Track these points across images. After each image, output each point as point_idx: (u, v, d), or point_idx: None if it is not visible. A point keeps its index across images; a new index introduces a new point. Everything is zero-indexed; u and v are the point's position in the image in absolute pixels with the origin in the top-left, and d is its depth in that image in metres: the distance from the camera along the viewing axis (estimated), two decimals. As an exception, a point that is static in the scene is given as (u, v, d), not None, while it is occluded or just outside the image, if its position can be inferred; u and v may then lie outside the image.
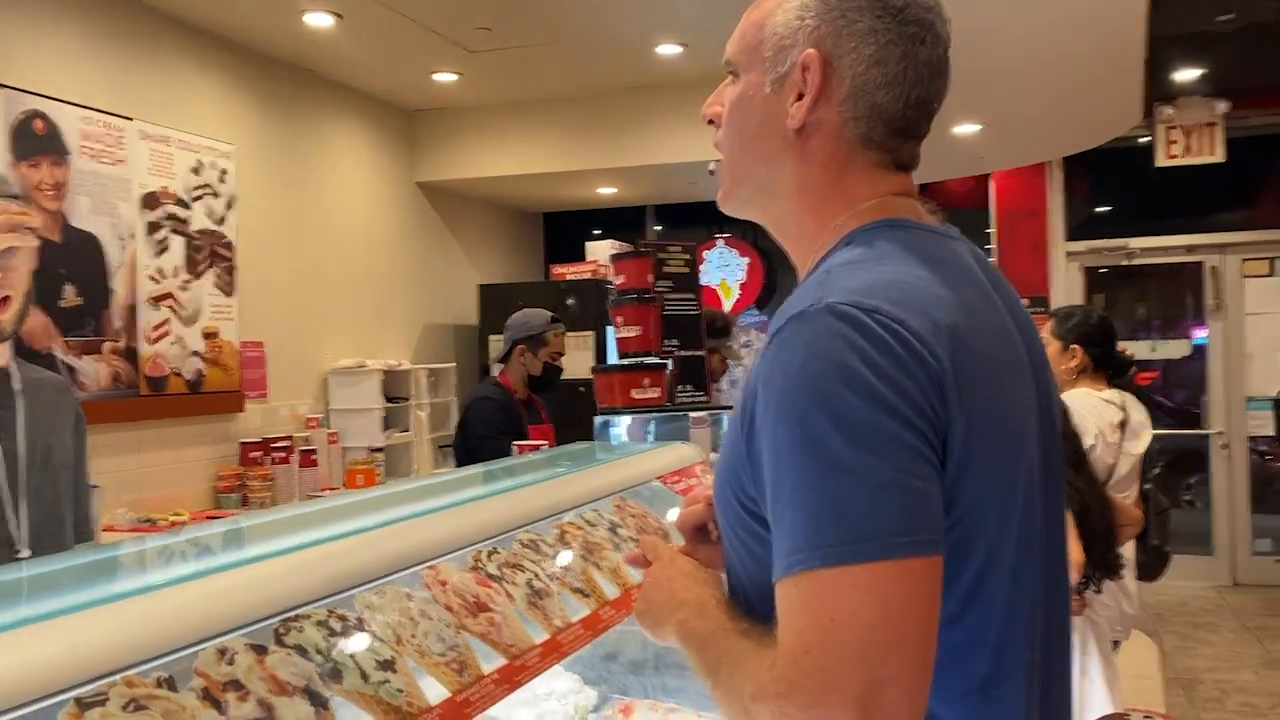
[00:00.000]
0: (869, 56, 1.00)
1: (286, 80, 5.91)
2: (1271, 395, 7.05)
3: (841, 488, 0.85)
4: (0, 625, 0.81)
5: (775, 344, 0.92)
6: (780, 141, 1.05)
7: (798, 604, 0.85)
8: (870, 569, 0.83)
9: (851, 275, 0.94)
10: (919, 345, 0.88)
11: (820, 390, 0.87)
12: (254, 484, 5.21)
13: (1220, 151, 6.80)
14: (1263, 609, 6.48)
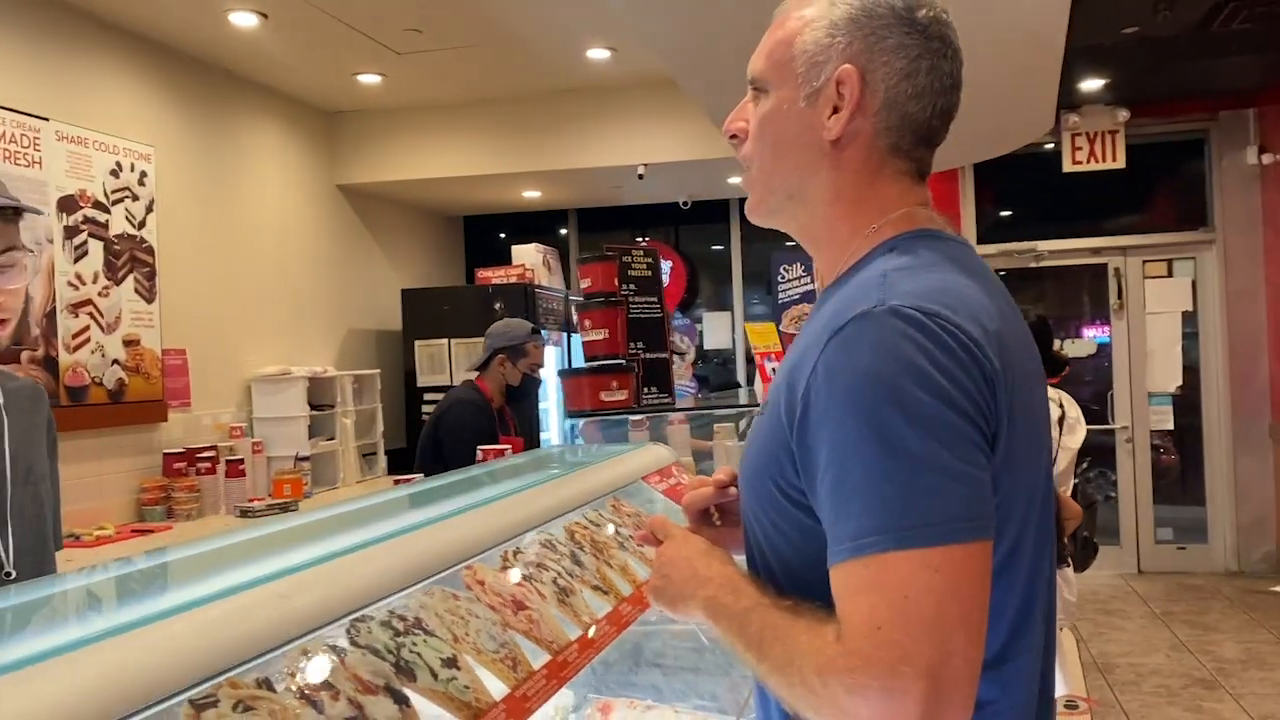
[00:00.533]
0: (900, 70, 1.07)
1: (207, 80, 5.76)
2: (1171, 391, 7.41)
3: (914, 476, 0.91)
4: (107, 630, 0.79)
5: (837, 341, 0.97)
6: (816, 151, 1.10)
7: (868, 583, 0.90)
8: (941, 551, 0.89)
9: (908, 280, 1.00)
10: (975, 348, 0.95)
11: (891, 385, 0.93)
12: (179, 495, 5.05)
13: (1121, 158, 7.13)
14: (1167, 595, 6.80)
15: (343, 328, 7.11)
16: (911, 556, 0.89)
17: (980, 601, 0.91)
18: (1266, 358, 7.18)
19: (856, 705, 0.88)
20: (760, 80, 1.14)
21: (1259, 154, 7.11)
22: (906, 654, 0.87)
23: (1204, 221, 7.44)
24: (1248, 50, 6.01)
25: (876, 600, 0.89)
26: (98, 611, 0.91)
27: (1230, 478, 7.30)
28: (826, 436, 0.96)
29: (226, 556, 1.19)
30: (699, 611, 1.09)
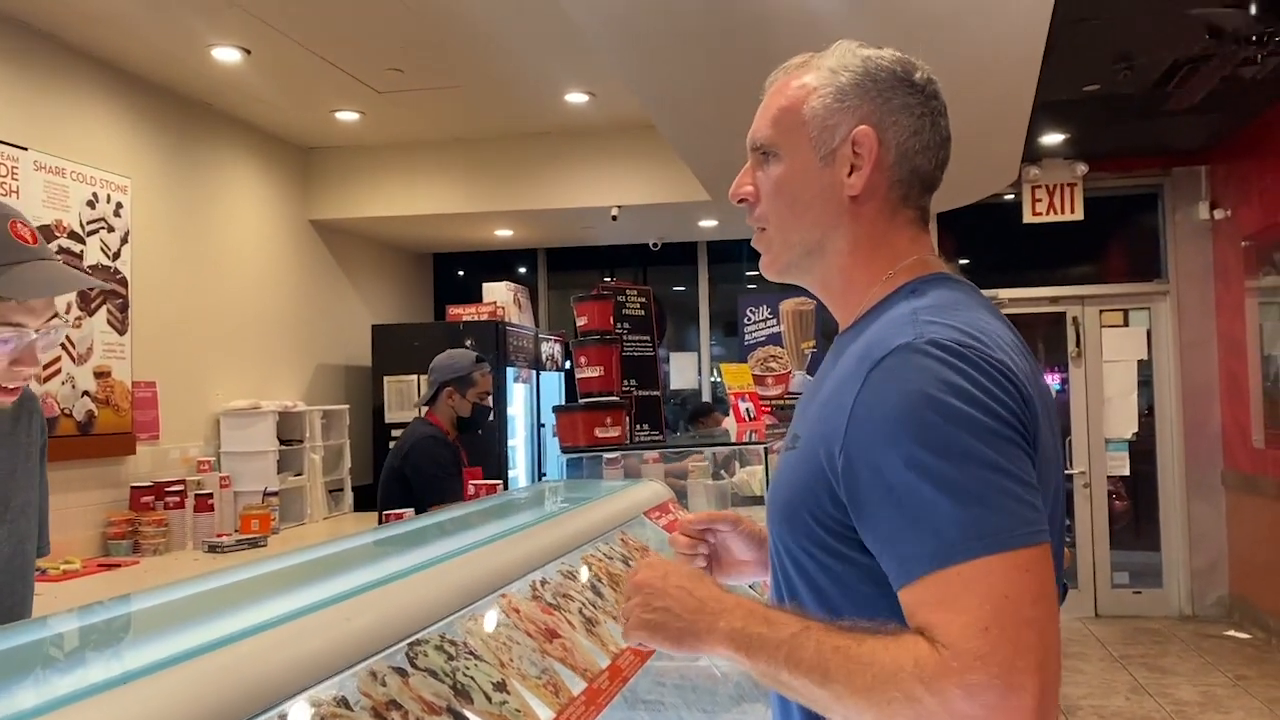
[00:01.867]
0: (909, 127, 1.17)
1: (186, 113, 5.77)
2: (1127, 437, 7.59)
3: (989, 484, 0.96)
4: (192, 650, 0.82)
5: (879, 372, 1.03)
6: (836, 207, 1.18)
7: (963, 589, 0.94)
8: (1028, 553, 0.95)
9: (939, 317, 1.07)
10: (1011, 374, 1.02)
11: (943, 404, 0.98)
12: (147, 529, 4.99)
13: (1080, 210, 7.35)
14: (1124, 638, 6.92)
15: (312, 362, 7.08)
16: (1005, 559, 0.94)
17: (1055, 600, 0.97)
18: (1218, 406, 7.39)
19: (976, 708, 0.90)
20: (769, 145, 1.21)
21: (1210, 209, 7.36)
22: (1018, 650, 0.91)
23: (1158, 273, 7.67)
24: (1201, 110, 6.25)
25: (978, 604, 0.92)
26: (169, 635, 0.94)
27: (1184, 523, 7.47)
28: (881, 463, 0.99)
29: (272, 582, 1.21)
30: (721, 645, 1.05)
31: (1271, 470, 6.46)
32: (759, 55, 4.29)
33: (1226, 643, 6.72)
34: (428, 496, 3.49)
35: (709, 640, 1.06)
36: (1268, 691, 5.60)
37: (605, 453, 2.60)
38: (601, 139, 6.68)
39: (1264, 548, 6.65)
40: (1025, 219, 7.35)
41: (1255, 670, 6.04)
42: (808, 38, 4.31)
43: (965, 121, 5.29)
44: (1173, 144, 7.28)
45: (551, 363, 7.95)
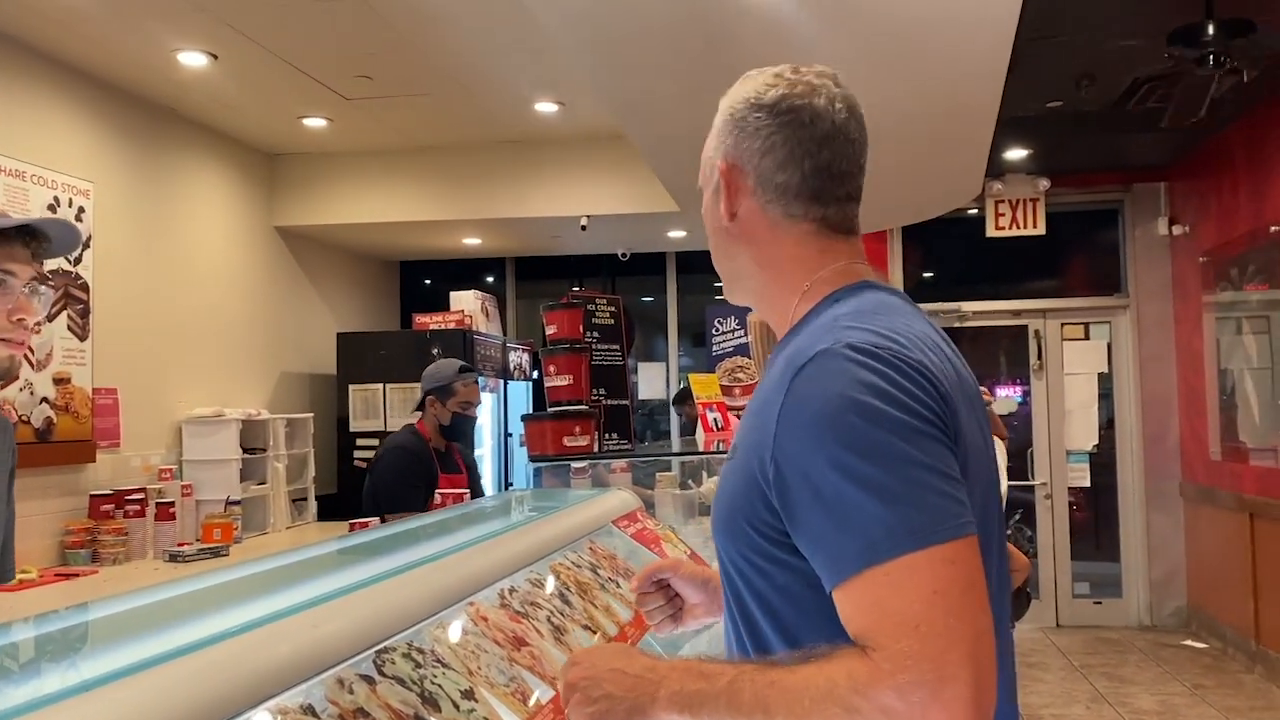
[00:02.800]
0: (758, 149, 1.20)
1: (150, 118, 5.71)
2: (1087, 449, 7.69)
3: (911, 482, 0.97)
4: (159, 657, 0.81)
5: (800, 379, 1.05)
6: (725, 236, 1.25)
7: (891, 588, 0.94)
8: (954, 546, 0.96)
9: (859, 322, 1.09)
10: (927, 372, 1.04)
11: (863, 405, 0.99)
12: (106, 538, 4.91)
13: (1042, 225, 7.44)
14: (1084, 648, 6.99)
15: (276, 370, 7.02)
16: (931, 554, 0.95)
17: (985, 590, 0.97)
18: (1176, 419, 7.50)
19: (910, 707, 0.90)
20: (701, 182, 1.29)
21: (1169, 225, 7.49)
22: (950, 643, 0.92)
23: (1118, 288, 7.79)
24: (1161, 127, 6.36)
25: (906, 601, 0.93)
26: (134, 642, 0.93)
27: (1143, 534, 7.57)
28: (807, 466, 1.01)
29: (240, 589, 1.20)
30: (666, 711, 1.04)
31: (1228, 483, 6.56)
32: (729, 67, 4.32)
33: (1184, 652, 6.81)
34: (385, 506, 3.51)
35: (655, 710, 1.05)
36: (1224, 700, 5.69)
37: (574, 462, 2.60)
38: (571, 148, 6.69)
39: (1220, 559, 6.76)
40: (988, 233, 7.44)
41: (1212, 679, 6.12)
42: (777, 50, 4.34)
43: (930, 136, 5.38)
44: (1133, 161, 7.41)
45: (519, 372, 7.93)
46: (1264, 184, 5.99)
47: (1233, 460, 6.47)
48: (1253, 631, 6.22)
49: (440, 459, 3.89)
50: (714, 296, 9.30)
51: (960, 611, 0.93)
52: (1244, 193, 6.29)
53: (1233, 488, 6.47)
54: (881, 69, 4.25)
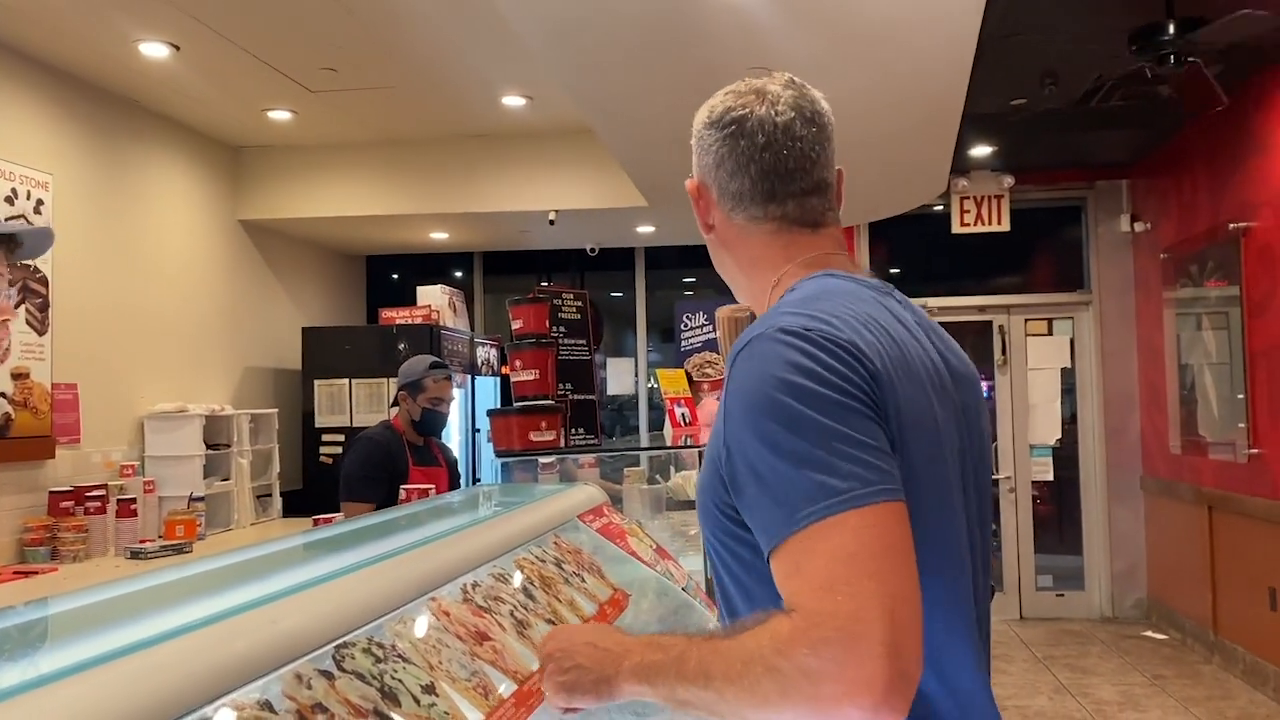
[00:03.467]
0: (711, 163, 1.32)
1: (111, 109, 5.63)
2: (1051, 443, 7.78)
3: (832, 452, 1.01)
4: (112, 652, 0.80)
5: (737, 364, 1.12)
6: (711, 245, 1.39)
7: (809, 553, 0.99)
8: (868, 511, 0.99)
9: (797, 308, 1.15)
10: (852, 350, 1.08)
11: (786, 382, 1.05)
12: (66, 536, 4.85)
13: (1006, 221, 7.52)
14: (1048, 640, 7.08)
15: (240, 365, 6.95)
16: (846, 519, 0.98)
17: (910, 551, 1.00)
18: (1138, 413, 7.61)
19: (824, 663, 0.92)
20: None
21: (1131, 222, 7.59)
22: (862, 601, 0.94)
23: (1081, 284, 7.88)
24: (1123, 126, 6.44)
25: (822, 565, 0.97)
26: (89, 637, 0.92)
27: (1105, 528, 7.67)
28: (742, 442, 1.07)
29: (198, 584, 1.19)
30: (628, 683, 1.11)
31: (1187, 476, 6.66)
32: (697, 63, 4.33)
33: (1145, 643, 6.91)
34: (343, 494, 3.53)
35: (619, 682, 1.11)
36: (1183, 690, 5.78)
37: (540, 457, 2.59)
38: (539, 143, 6.67)
39: (1180, 552, 6.86)
40: (954, 229, 7.50)
41: (1172, 670, 6.22)
42: (744, 47, 4.36)
43: (896, 132, 5.41)
44: (1096, 158, 7.49)
45: (487, 367, 7.90)
46: (1223, 181, 6.08)
47: (1192, 454, 6.57)
48: (1211, 623, 6.32)
49: (417, 453, 3.89)
50: (683, 292, 9.32)
51: (875, 574, 0.96)
52: (1203, 190, 6.39)
53: (1192, 481, 6.58)
54: (848, 66, 4.27)
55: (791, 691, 0.94)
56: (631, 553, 2.17)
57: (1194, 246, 6.48)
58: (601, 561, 1.97)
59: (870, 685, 0.91)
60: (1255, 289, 5.65)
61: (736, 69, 4.54)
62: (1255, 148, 5.63)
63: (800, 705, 0.94)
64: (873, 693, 0.91)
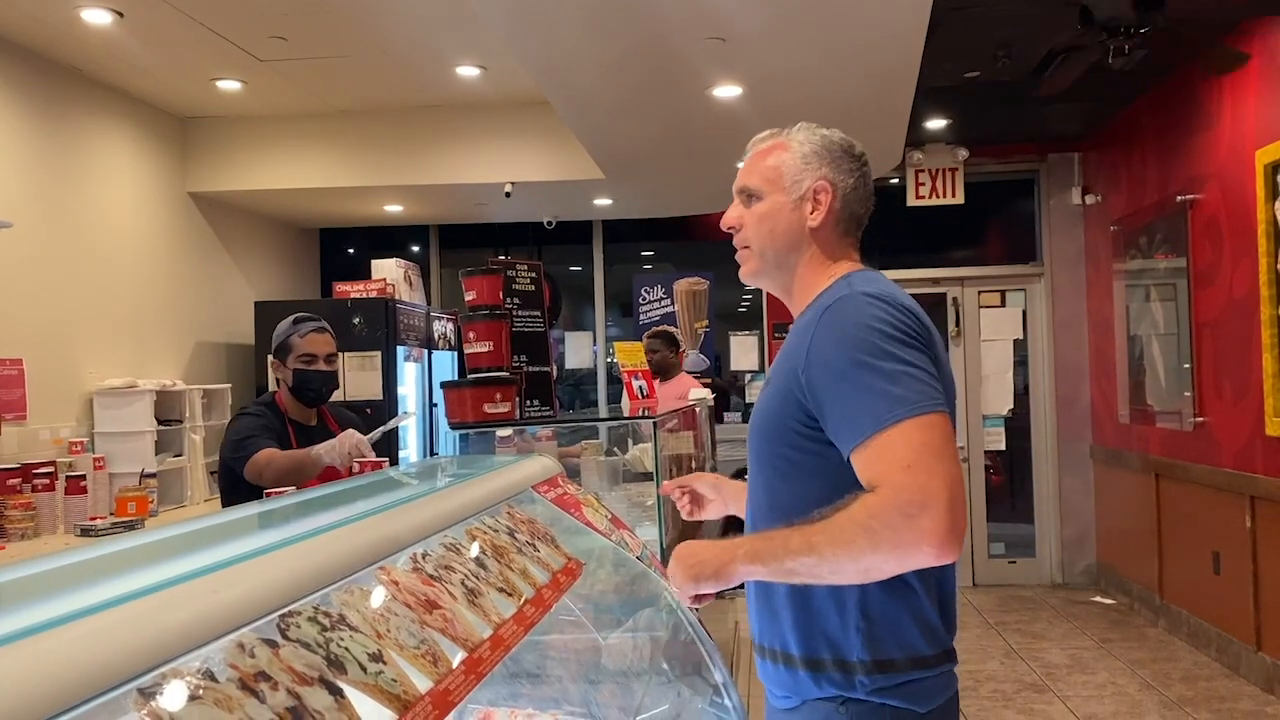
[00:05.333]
0: (851, 184, 1.68)
1: (52, 78, 5.50)
2: (1003, 414, 7.89)
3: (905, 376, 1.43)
4: (50, 621, 0.79)
5: (829, 315, 1.53)
6: (800, 234, 1.67)
7: (892, 444, 1.39)
8: (932, 416, 1.41)
9: (866, 284, 1.58)
10: (917, 315, 1.53)
11: (874, 328, 1.47)
12: (13, 514, 4.76)
13: (960, 194, 7.58)
14: (999, 606, 7.21)
15: (191, 340, 6.85)
16: (919, 421, 1.40)
17: (956, 449, 1.43)
18: (1088, 383, 7.74)
19: (907, 519, 1.33)
20: (754, 190, 1.70)
21: (1082, 195, 7.68)
22: (931, 476, 1.35)
23: (1033, 256, 7.97)
24: (1075, 99, 6.50)
25: (901, 452, 1.38)
26: (28, 606, 0.90)
27: (1055, 496, 7.81)
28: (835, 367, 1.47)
29: (141, 555, 1.18)
30: (743, 564, 1.48)
31: (1135, 444, 6.80)
32: (651, 35, 4.31)
33: (1093, 608, 7.07)
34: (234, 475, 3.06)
35: (735, 565, 1.49)
36: (1129, 653, 5.92)
37: (496, 429, 2.58)
38: (494, 114, 6.60)
39: (1127, 518, 7.01)
40: (909, 202, 7.56)
41: (1119, 633, 6.37)
42: (697, 18, 4.32)
43: (850, 104, 5.41)
44: (1048, 131, 7.56)
45: (444, 341, 7.85)
46: (1171, 155, 6.17)
47: (1140, 423, 6.70)
48: (1157, 587, 6.47)
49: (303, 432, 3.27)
50: (641, 266, 9.31)
51: (940, 457, 1.37)
52: (1152, 163, 6.48)
53: (1140, 449, 6.71)
54: (801, 37, 4.27)
55: (882, 542, 1.34)
56: (587, 523, 2.17)
57: (1143, 219, 6.58)
58: (556, 532, 1.97)
59: (937, 533, 1.32)
60: (1201, 260, 5.75)
61: (691, 40, 4.52)
62: (1203, 121, 5.72)
63: (888, 552, 1.34)
64: (940, 539, 1.32)
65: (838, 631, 1.50)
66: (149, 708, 0.79)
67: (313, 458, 2.90)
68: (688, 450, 4.27)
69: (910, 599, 1.50)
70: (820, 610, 1.51)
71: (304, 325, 3.32)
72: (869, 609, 1.48)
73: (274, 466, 2.93)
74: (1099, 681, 5.44)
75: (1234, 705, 4.98)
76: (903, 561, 1.37)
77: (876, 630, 1.49)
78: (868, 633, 1.49)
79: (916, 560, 1.36)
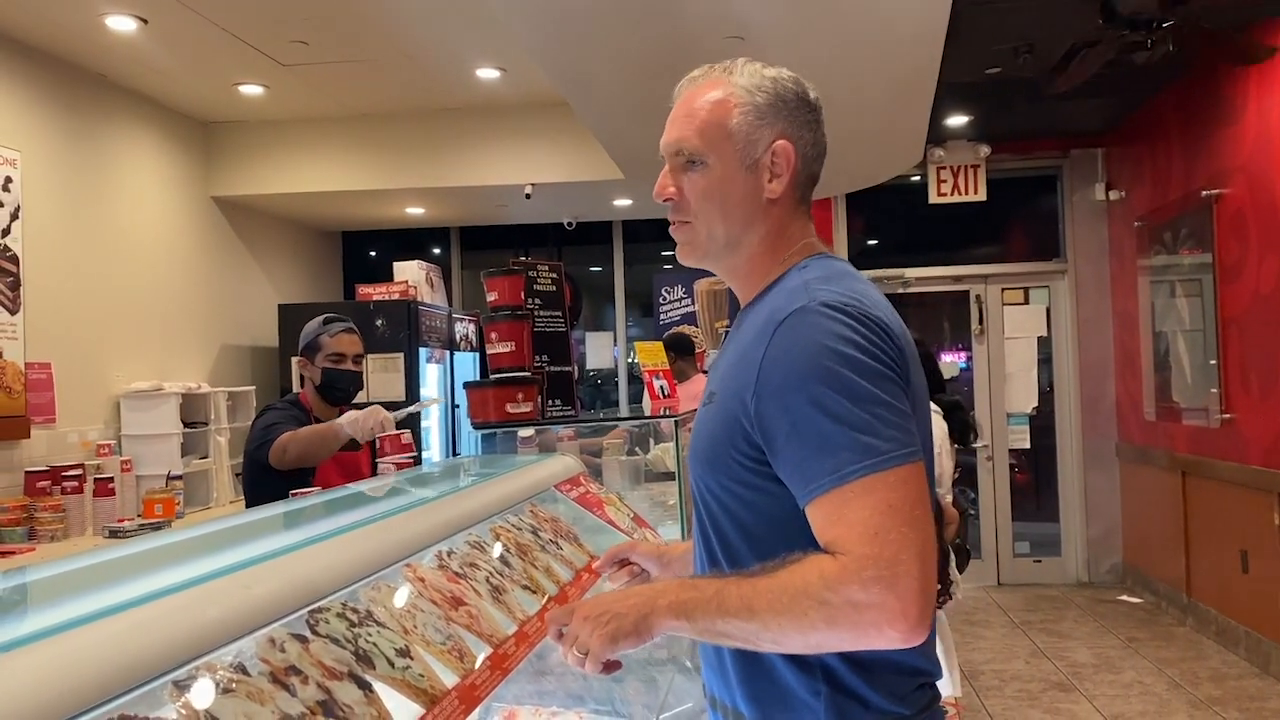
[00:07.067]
0: (809, 139, 1.38)
1: (79, 85, 5.56)
2: (1027, 412, 7.84)
3: (875, 417, 1.18)
4: (87, 616, 0.81)
5: (782, 330, 1.24)
6: (755, 207, 1.37)
7: (854, 503, 1.15)
8: (906, 469, 1.17)
9: (827, 285, 1.28)
10: (886, 328, 1.25)
11: (837, 353, 1.20)
12: (43, 515, 4.82)
13: (983, 191, 7.54)
14: (1024, 605, 7.17)
15: (216, 343, 6.91)
16: (887, 476, 1.16)
17: (930, 507, 1.19)
18: (1113, 380, 7.68)
19: (870, 596, 1.11)
20: (697, 154, 1.37)
21: (1106, 190, 7.62)
22: (903, 546, 1.13)
23: (1057, 252, 7.92)
24: (1097, 95, 6.46)
25: (868, 514, 1.14)
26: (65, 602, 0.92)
27: (1081, 494, 7.76)
28: (788, 402, 1.20)
29: (173, 553, 1.19)
30: (666, 618, 1.21)
31: (1162, 442, 6.74)
32: (670, 34, 4.31)
33: (1119, 607, 7.01)
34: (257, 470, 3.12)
35: (656, 619, 1.22)
36: (1156, 652, 5.87)
37: (518, 428, 2.60)
38: (514, 115, 6.63)
39: (1154, 516, 6.95)
40: (930, 200, 7.51)
41: (1145, 632, 6.32)
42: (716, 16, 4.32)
43: (872, 102, 5.39)
44: (1071, 127, 7.51)
45: (466, 343, 7.89)
46: (1196, 149, 6.12)
47: (1166, 420, 6.64)
48: (1184, 585, 6.41)
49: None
50: (661, 265, 9.30)
51: (911, 522, 1.14)
52: (1177, 158, 6.42)
53: (1166, 447, 6.65)
54: (822, 35, 4.26)
55: (839, 620, 1.13)
56: (609, 521, 2.18)
57: (1168, 214, 6.52)
58: (579, 530, 1.98)
59: (907, 614, 1.11)
60: (1227, 255, 5.70)
61: (710, 39, 4.52)
62: (1227, 115, 5.66)
63: (845, 631, 1.13)
64: (909, 620, 1.11)
65: (795, 695, 1.25)
66: (183, 700, 0.81)
67: (334, 429, 2.91)
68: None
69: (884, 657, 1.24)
70: (775, 669, 1.27)
71: (334, 325, 3.40)
72: (834, 673, 1.24)
73: (297, 440, 2.95)
74: (1126, 681, 5.40)
75: (1263, 704, 4.93)
76: (861, 642, 1.15)
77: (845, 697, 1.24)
78: (832, 699, 1.24)
79: (878, 643, 1.14)
